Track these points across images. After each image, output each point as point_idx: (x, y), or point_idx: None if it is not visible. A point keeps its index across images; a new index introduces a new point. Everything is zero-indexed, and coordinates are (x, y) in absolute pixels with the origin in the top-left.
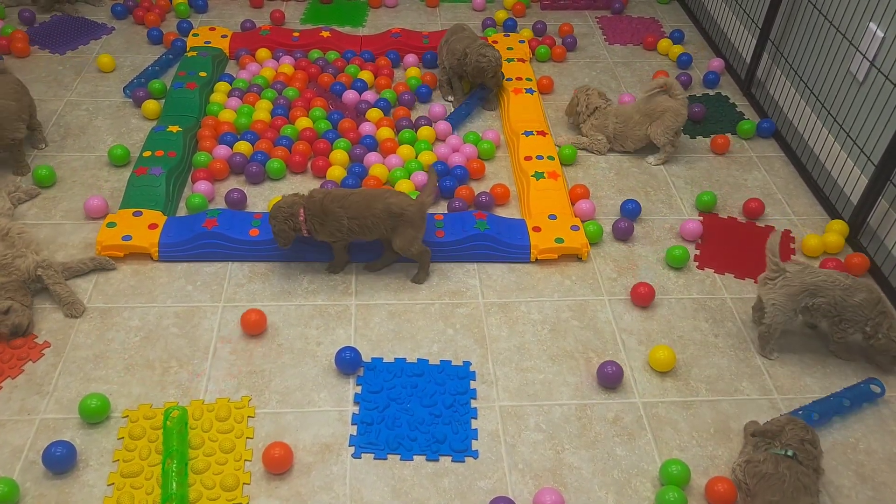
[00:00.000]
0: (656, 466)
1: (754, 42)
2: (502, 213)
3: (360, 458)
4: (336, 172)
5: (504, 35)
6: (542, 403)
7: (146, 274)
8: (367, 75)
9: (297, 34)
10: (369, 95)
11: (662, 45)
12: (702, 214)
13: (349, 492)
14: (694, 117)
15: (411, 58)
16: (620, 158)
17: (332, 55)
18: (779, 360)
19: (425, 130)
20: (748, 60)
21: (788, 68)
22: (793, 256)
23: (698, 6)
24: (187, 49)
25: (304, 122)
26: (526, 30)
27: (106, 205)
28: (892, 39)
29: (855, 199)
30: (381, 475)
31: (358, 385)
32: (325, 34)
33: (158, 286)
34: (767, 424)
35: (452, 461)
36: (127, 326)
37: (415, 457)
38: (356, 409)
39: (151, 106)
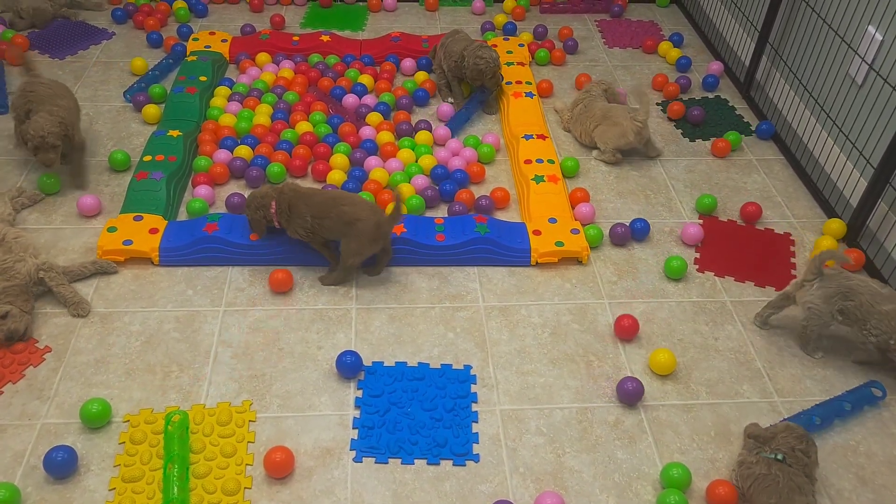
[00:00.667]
0: (657, 470)
1: (753, 45)
2: (502, 216)
3: (362, 462)
4: (336, 176)
5: (504, 39)
6: (542, 407)
7: (147, 278)
8: (366, 79)
9: (296, 38)
10: (369, 99)
11: (662, 48)
12: (702, 217)
13: (350, 496)
14: (693, 121)
15: (409, 62)
16: (620, 161)
17: (332, 59)
18: (779, 363)
19: (425, 135)
20: (747, 63)
21: (787, 71)
22: (792, 259)
23: (697, 9)
24: (187, 53)
25: (304, 126)
26: (525, 33)
27: (99, 203)
28: (891, 43)
29: (854, 201)
30: (383, 479)
31: (359, 389)
32: (325, 38)
33: (159, 290)
34: (764, 430)
35: (453, 465)
36: (128, 331)
37: (416, 461)
38: (357, 413)
39: (152, 110)
